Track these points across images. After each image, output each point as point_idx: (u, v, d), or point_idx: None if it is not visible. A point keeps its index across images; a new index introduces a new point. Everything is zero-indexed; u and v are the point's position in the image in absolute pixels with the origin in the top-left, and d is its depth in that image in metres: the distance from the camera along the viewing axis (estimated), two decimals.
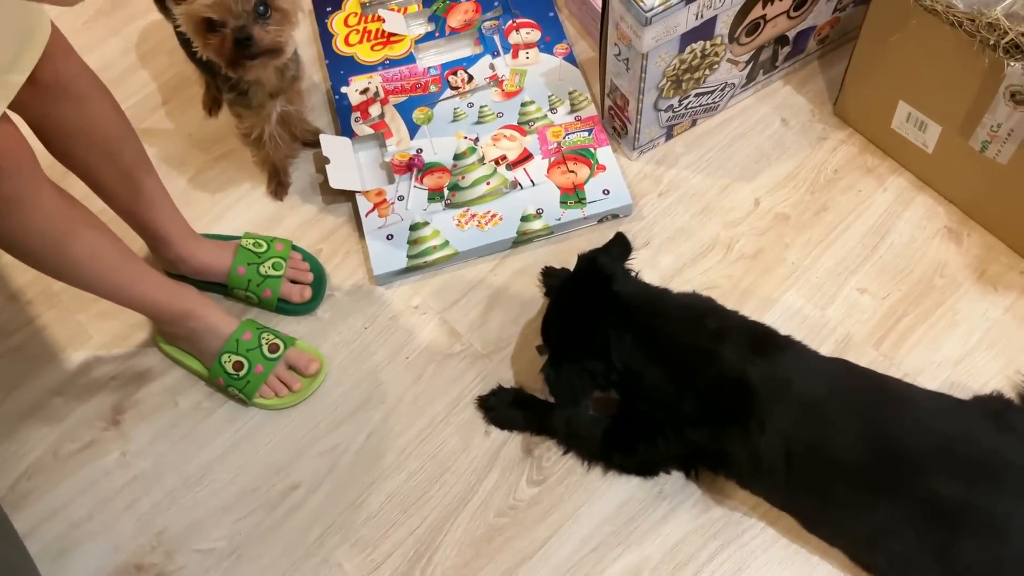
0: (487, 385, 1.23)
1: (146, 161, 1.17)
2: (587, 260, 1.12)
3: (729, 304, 1.17)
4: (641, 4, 1.13)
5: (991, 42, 1.07)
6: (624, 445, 1.13)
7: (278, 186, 1.39)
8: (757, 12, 1.25)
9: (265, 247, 1.30)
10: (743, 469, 1.10)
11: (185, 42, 1.16)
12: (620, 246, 1.15)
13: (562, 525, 1.14)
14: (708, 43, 1.24)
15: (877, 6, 1.19)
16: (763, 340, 1.10)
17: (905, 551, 1.02)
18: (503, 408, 1.20)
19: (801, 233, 1.32)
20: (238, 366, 1.21)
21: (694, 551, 1.11)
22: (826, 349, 1.22)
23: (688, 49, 1.23)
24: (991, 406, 1.10)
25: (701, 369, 1.05)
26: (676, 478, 1.15)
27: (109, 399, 1.26)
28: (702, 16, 1.18)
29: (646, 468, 1.14)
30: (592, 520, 1.13)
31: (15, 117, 0.99)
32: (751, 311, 1.24)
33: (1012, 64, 1.06)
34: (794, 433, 1.03)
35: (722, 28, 1.23)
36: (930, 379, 1.19)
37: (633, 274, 1.16)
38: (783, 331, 1.13)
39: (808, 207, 1.33)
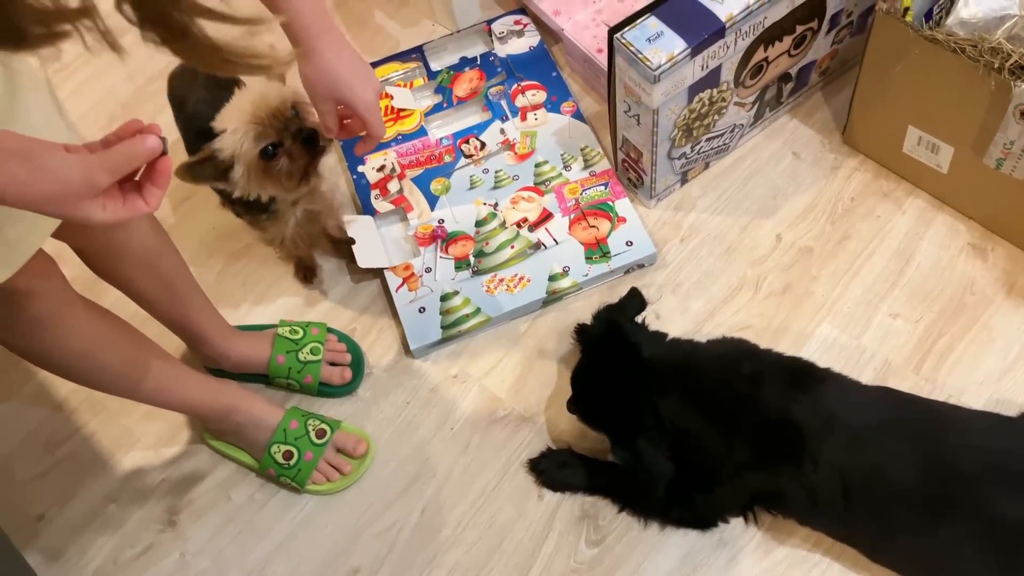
0: (534, 448, 1.24)
1: (183, 266, 1.19)
2: (606, 324, 1.14)
3: (764, 342, 1.18)
4: (648, 63, 1.16)
5: (995, 65, 1.09)
6: (681, 499, 1.13)
7: (307, 271, 1.41)
8: (759, 55, 1.28)
9: (301, 333, 1.31)
10: (801, 506, 1.10)
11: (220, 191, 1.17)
12: (635, 302, 1.17)
13: None
14: (715, 90, 1.27)
15: (877, 39, 1.22)
16: (802, 376, 1.11)
17: (970, 571, 1.02)
18: (555, 470, 1.21)
19: (826, 264, 1.33)
20: (288, 455, 1.22)
21: None
22: (866, 377, 1.22)
23: (696, 99, 1.25)
24: None
25: (745, 416, 1.06)
26: (735, 524, 1.15)
27: (163, 500, 1.27)
28: (707, 67, 1.21)
29: (705, 520, 1.14)
30: (656, 575, 1.13)
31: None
32: (787, 347, 1.25)
33: (1019, 84, 1.08)
34: (848, 464, 1.04)
35: (727, 75, 1.26)
36: (974, 398, 1.20)
37: (649, 327, 1.18)
38: (821, 363, 1.15)
39: (830, 237, 1.35)
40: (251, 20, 0.64)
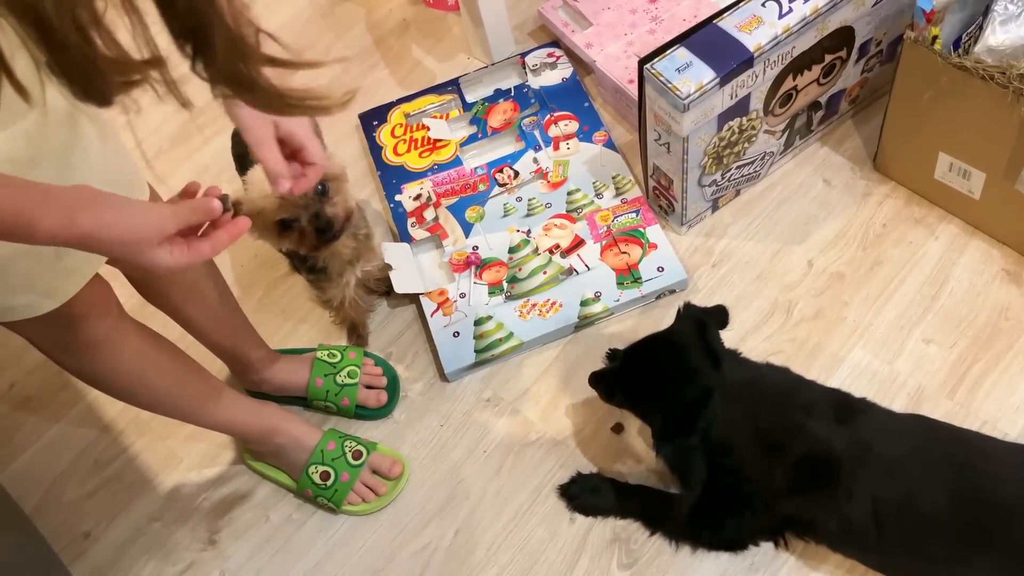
0: (566, 471, 1.26)
1: (229, 294, 1.23)
2: (694, 321, 1.10)
3: (796, 367, 1.18)
4: (677, 92, 1.18)
5: None
6: (711, 521, 1.14)
7: (358, 339, 1.41)
8: (788, 84, 1.30)
9: (339, 357, 1.35)
10: (833, 535, 1.10)
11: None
12: (720, 317, 1.13)
13: None
14: (744, 119, 1.29)
15: (906, 67, 1.23)
16: (845, 408, 1.10)
17: None
18: (585, 495, 1.22)
19: (858, 290, 1.33)
20: (325, 476, 1.25)
21: None
22: (899, 403, 1.22)
23: (726, 127, 1.28)
24: None
25: (793, 445, 1.06)
26: (766, 548, 1.15)
27: (204, 520, 1.30)
28: (736, 96, 1.23)
29: (735, 543, 1.14)
30: None
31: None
32: (818, 372, 1.26)
33: None
34: (881, 495, 1.03)
35: (756, 103, 1.28)
36: (1010, 424, 1.19)
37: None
38: (854, 389, 1.15)
39: (862, 263, 1.35)
40: (312, 64, 0.68)
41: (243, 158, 1.34)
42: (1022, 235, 1.30)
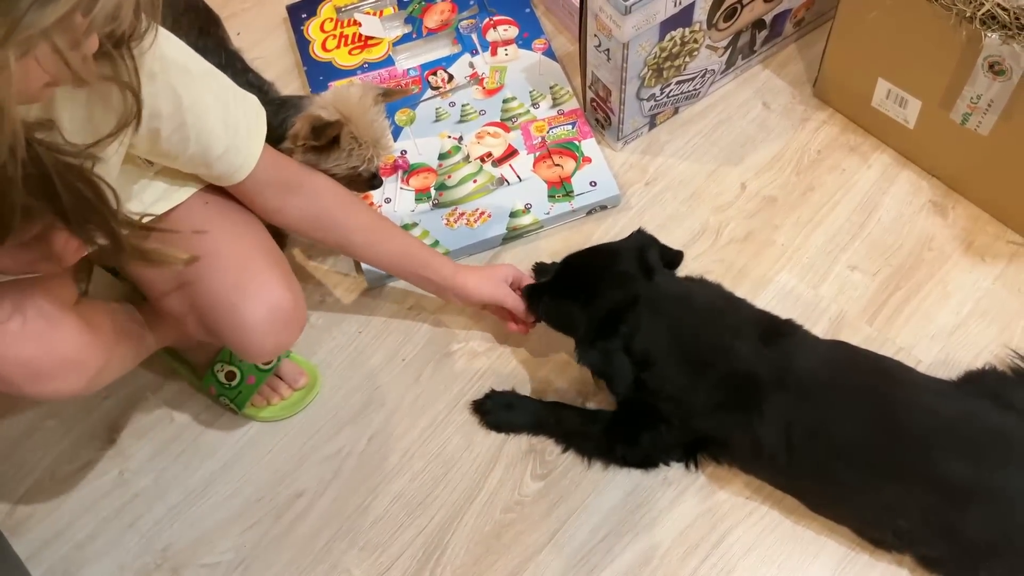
0: (485, 382, 1.23)
1: None
2: (638, 238, 1.12)
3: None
4: None
5: (968, 14, 1.08)
6: (627, 437, 1.13)
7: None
8: None
9: None
10: (745, 456, 1.11)
11: None
12: (673, 252, 1.16)
13: (570, 517, 1.14)
14: (687, 30, 1.25)
15: None
16: (770, 330, 1.10)
17: (912, 527, 1.02)
18: (499, 411, 1.20)
19: (789, 214, 1.32)
20: (230, 376, 1.20)
21: (702, 535, 1.11)
22: (821, 328, 1.23)
23: (668, 37, 1.23)
24: (987, 383, 1.10)
25: (718, 364, 1.05)
26: (679, 465, 1.15)
27: (104, 419, 1.24)
28: (680, 3, 1.19)
29: (648, 460, 1.14)
30: (599, 510, 1.13)
31: None
32: (744, 293, 1.24)
33: (989, 35, 1.07)
34: (795, 419, 1.03)
35: (700, 14, 1.24)
36: (924, 352, 1.21)
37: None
38: (778, 311, 1.14)
39: (794, 188, 1.34)
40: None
41: None
42: (952, 167, 1.30)
